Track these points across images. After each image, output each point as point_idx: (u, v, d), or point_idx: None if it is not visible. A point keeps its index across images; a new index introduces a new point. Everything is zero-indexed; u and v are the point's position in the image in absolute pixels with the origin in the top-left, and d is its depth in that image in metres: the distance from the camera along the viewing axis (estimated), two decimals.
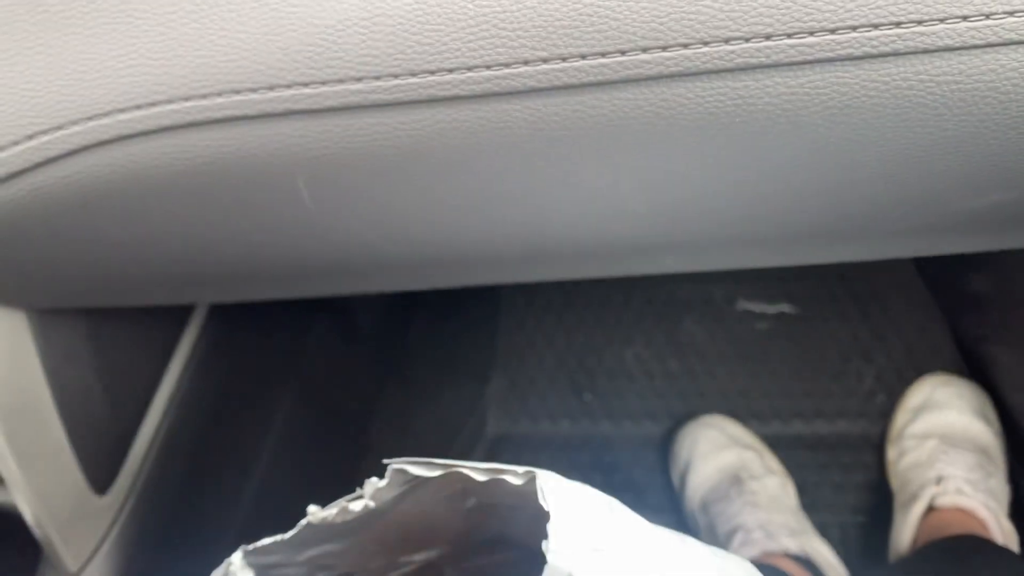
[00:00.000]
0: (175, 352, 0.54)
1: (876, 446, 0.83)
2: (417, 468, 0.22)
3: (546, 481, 0.20)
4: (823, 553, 0.71)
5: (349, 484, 0.24)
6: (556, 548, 0.18)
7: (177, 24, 0.27)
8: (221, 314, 0.58)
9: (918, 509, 0.69)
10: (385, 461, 0.23)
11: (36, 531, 0.45)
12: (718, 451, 0.80)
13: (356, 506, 0.23)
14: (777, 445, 0.83)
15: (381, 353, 0.93)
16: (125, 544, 0.50)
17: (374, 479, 0.23)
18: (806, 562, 0.70)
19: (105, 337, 0.47)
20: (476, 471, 0.21)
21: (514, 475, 0.20)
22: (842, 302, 0.91)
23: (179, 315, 0.55)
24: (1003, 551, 0.62)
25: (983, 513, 0.66)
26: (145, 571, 0.52)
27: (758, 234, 0.34)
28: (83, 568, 0.48)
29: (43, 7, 0.28)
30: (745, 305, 0.92)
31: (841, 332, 0.90)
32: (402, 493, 0.24)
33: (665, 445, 0.87)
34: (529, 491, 0.20)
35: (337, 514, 0.23)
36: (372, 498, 0.23)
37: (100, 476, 0.49)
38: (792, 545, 0.70)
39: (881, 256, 0.37)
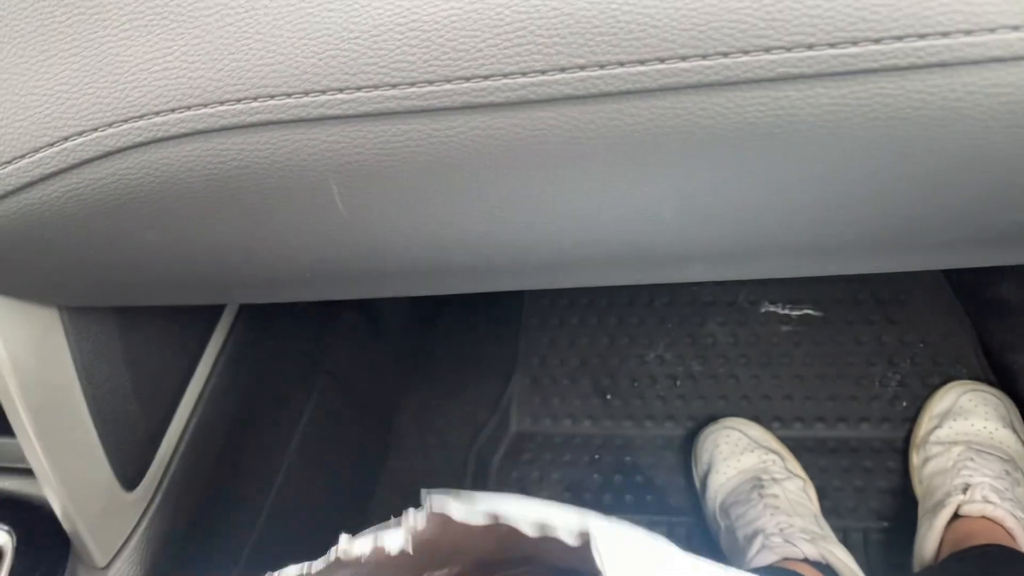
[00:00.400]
0: (205, 349, 0.55)
1: (899, 451, 0.82)
2: (461, 513, 0.21)
3: (600, 535, 0.19)
4: (843, 559, 0.70)
5: (374, 480, 0.23)
6: None
7: (213, 27, 0.27)
8: (250, 312, 0.58)
9: (944, 517, 0.68)
10: (424, 491, 0.21)
11: (65, 525, 0.46)
12: (739, 454, 0.79)
13: (393, 545, 0.22)
14: (799, 449, 0.83)
15: (406, 350, 0.94)
16: (153, 539, 0.51)
17: (411, 510, 0.22)
18: (826, 568, 0.69)
19: (136, 334, 0.48)
20: (526, 525, 0.20)
21: (568, 534, 0.19)
22: (867, 306, 0.90)
23: (209, 313, 0.56)
24: None
25: (1011, 523, 0.65)
26: (173, 565, 0.53)
27: (791, 244, 0.33)
28: (111, 562, 0.49)
29: (79, 9, 0.28)
30: (769, 307, 0.91)
31: (865, 336, 0.89)
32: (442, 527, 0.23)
33: (687, 447, 0.86)
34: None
35: (372, 553, 0.22)
36: (412, 536, 0.22)
37: (129, 472, 0.49)
38: (811, 551, 0.69)
39: (915, 268, 0.37)
